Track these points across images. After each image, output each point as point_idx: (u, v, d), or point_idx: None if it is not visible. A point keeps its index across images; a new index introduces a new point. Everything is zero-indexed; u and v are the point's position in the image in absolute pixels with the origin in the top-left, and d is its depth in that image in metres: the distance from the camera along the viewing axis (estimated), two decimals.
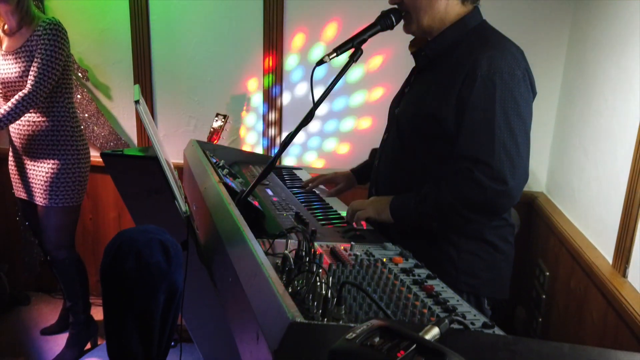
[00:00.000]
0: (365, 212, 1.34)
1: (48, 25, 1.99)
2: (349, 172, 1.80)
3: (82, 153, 2.22)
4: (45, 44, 1.97)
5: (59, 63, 2.02)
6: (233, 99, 2.56)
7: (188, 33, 2.48)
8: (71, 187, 2.18)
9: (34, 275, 2.82)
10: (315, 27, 2.36)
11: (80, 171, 2.20)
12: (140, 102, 1.06)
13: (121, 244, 0.81)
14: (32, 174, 2.17)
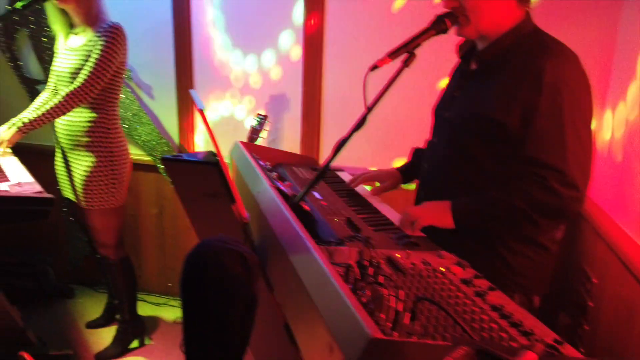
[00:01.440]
0: (425, 219, 1.34)
1: (109, 28, 2.00)
2: (395, 170, 1.80)
3: (117, 155, 2.17)
4: (102, 45, 1.98)
5: (111, 66, 2.02)
6: (272, 99, 2.57)
7: (230, 32, 2.50)
8: (105, 189, 2.15)
9: (78, 269, 2.91)
10: (356, 23, 2.34)
11: (115, 174, 2.17)
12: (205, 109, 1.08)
13: (204, 254, 0.83)
14: (72, 175, 2.19)
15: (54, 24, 2.11)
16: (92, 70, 1.98)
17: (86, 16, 2.04)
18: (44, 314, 2.69)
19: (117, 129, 2.19)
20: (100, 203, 2.17)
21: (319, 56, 2.41)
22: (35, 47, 2.69)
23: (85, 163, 2.12)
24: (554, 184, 1.23)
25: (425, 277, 1.08)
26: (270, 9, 2.43)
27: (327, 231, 1.33)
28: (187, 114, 2.66)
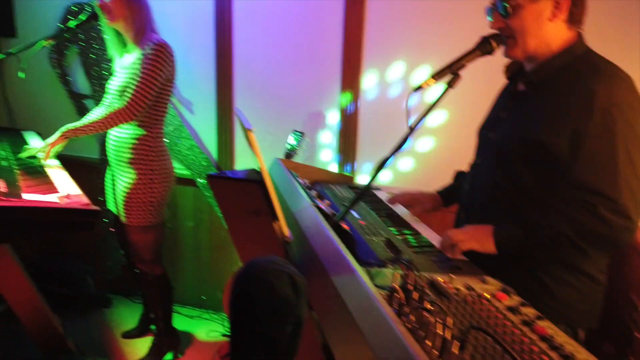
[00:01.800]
0: (467, 243, 1.31)
1: (154, 46, 2.02)
2: (435, 193, 1.78)
3: (157, 173, 2.17)
4: (147, 63, 2.02)
5: (155, 84, 2.03)
6: (309, 116, 2.59)
7: (268, 51, 2.55)
8: (143, 207, 2.16)
9: (116, 279, 2.98)
10: (395, 45, 2.35)
11: (153, 191, 2.17)
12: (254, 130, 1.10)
13: (253, 274, 0.84)
14: (115, 189, 2.24)
15: (110, 42, 2.18)
16: (136, 89, 2.01)
17: (135, 34, 2.09)
18: (82, 322, 2.75)
19: (159, 147, 2.19)
20: (138, 220, 2.18)
21: (357, 76, 2.42)
22: (84, 63, 2.81)
23: (127, 179, 2.16)
24: (604, 211, 1.19)
25: (470, 303, 1.05)
26: (310, 28, 2.46)
27: (367, 252, 1.32)
28: (226, 129, 2.71)
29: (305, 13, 2.45)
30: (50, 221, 1.63)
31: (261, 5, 2.51)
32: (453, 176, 1.80)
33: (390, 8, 2.32)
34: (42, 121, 2.91)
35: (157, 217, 2.23)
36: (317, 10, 2.43)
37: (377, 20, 2.35)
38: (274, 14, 2.50)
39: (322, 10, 2.42)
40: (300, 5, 2.45)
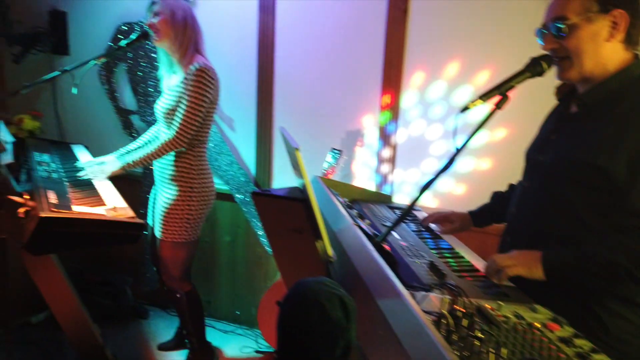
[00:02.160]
0: (514, 269, 1.27)
1: (197, 71, 2.04)
2: (466, 213, 1.75)
3: (197, 190, 2.19)
4: (191, 89, 2.03)
5: (202, 110, 2.06)
6: (348, 134, 2.60)
7: (309, 69, 2.58)
8: (179, 223, 2.17)
9: (154, 291, 3.03)
10: (436, 65, 2.34)
11: (190, 209, 2.17)
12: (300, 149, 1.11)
13: (304, 296, 0.83)
14: (156, 204, 2.28)
15: (159, 62, 2.25)
16: (184, 118, 2.05)
17: (180, 55, 2.13)
18: (120, 333, 2.80)
19: (200, 166, 2.22)
20: (173, 236, 2.19)
21: (396, 96, 2.42)
22: (131, 80, 2.92)
23: (167, 194, 2.19)
24: None
25: (520, 332, 1.01)
26: (351, 47, 2.48)
27: (410, 274, 1.30)
28: (265, 146, 2.74)
29: (346, 32, 2.47)
30: (98, 233, 1.68)
31: (303, 25, 2.55)
32: (490, 196, 1.77)
33: (432, 28, 2.31)
34: (90, 135, 3.03)
35: (191, 235, 2.24)
36: (358, 29, 2.45)
37: (418, 39, 2.35)
38: (316, 33, 2.54)
39: (363, 29, 2.44)
40: (342, 25, 2.47)
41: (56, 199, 1.74)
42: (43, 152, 2.37)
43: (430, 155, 2.43)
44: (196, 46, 2.15)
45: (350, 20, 2.46)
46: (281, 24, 2.59)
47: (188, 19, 2.12)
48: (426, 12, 2.31)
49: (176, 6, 2.11)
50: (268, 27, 2.59)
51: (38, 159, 2.23)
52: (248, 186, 2.79)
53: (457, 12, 2.26)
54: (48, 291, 2.15)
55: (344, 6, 2.46)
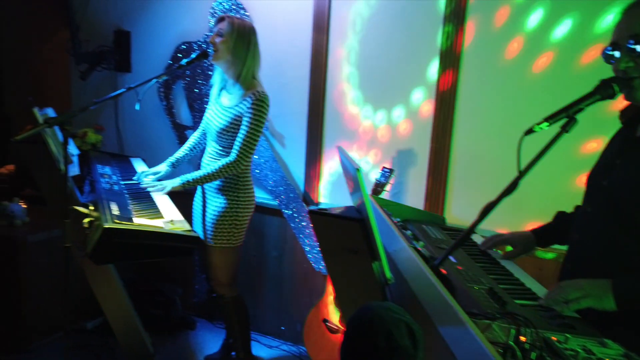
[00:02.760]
0: (582, 300, 1.21)
1: (258, 99, 2.14)
2: (529, 233, 1.67)
3: (243, 199, 2.30)
4: (252, 117, 2.14)
5: (259, 134, 2.18)
6: (399, 153, 2.58)
7: (361, 89, 2.59)
8: (229, 229, 2.28)
9: (202, 303, 3.09)
10: (492, 79, 2.29)
11: (238, 216, 2.29)
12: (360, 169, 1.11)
13: (370, 321, 0.82)
14: (202, 213, 2.37)
15: (215, 75, 2.34)
16: (245, 142, 2.16)
17: (237, 76, 2.22)
18: (168, 343, 2.87)
19: (246, 177, 2.32)
20: (221, 242, 2.30)
21: (450, 113, 2.39)
22: (188, 97, 3.03)
23: (216, 204, 2.29)
24: None
25: None
26: (405, 66, 2.48)
27: (469, 301, 1.26)
28: (314, 163, 2.76)
29: (400, 51, 2.47)
30: (156, 245, 1.73)
31: (354, 47, 2.57)
32: (554, 216, 1.69)
33: (487, 39, 2.28)
34: (147, 148, 3.16)
35: (238, 240, 2.35)
36: (411, 47, 2.45)
37: (474, 53, 2.32)
38: (368, 53, 2.55)
39: (418, 47, 2.43)
40: (396, 44, 2.48)
41: (118, 211, 1.82)
42: (105, 165, 2.49)
43: (486, 176, 2.37)
44: (254, 72, 2.23)
45: (404, 39, 2.46)
46: (334, 44, 2.62)
47: (250, 46, 2.19)
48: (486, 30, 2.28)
49: (241, 31, 2.17)
50: (322, 47, 2.63)
51: (100, 171, 2.34)
52: (297, 202, 2.81)
53: (515, 28, 2.21)
54: (104, 299, 2.24)
55: (398, 25, 2.46)
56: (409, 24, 2.44)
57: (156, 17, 3.08)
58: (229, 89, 2.28)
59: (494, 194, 1.30)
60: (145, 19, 3.11)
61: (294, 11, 2.68)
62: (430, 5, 2.37)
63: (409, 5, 2.42)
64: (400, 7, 2.44)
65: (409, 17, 2.43)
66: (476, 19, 2.29)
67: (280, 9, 2.72)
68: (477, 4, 2.28)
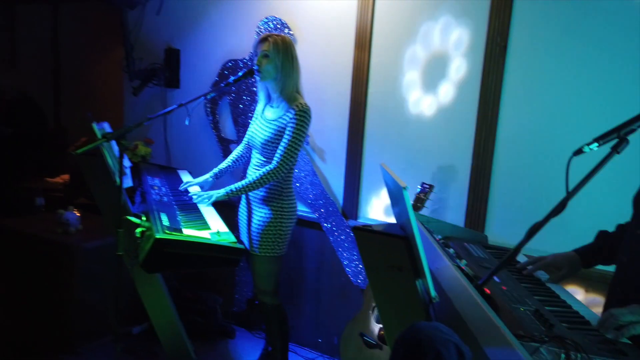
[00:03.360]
0: (638, 326, 1.18)
1: (301, 110, 2.23)
2: (573, 253, 1.63)
3: (287, 210, 2.38)
4: (294, 127, 2.22)
5: (300, 145, 2.26)
6: (439, 169, 2.57)
7: (401, 104, 2.61)
8: (273, 239, 2.35)
9: (241, 312, 3.15)
10: (536, 102, 2.26)
11: (282, 226, 2.37)
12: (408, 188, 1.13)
13: (420, 341, 0.84)
14: (248, 223, 2.44)
15: (260, 92, 2.43)
16: (286, 151, 2.24)
17: (283, 93, 2.31)
18: (208, 350, 2.94)
19: (289, 189, 2.41)
20: (265, 251, 2.37)
21: (492, 132, 2.37)
22: (232, 112, 3.13)
23: (261, 214, 2.37)
24: None
25: None
26: (447, 84, 2.49)
27: (515, 322, 1.25)
28: (354, 179, 2.79)
29: (441, 68, 2.48)
30: (203, 256, 1.80)
31: (397, 62, 2.60)
32: (596, 235, 1.65)
33: (530, 61, 2.26)
34: (193, 161, 3.27)
35: (282, 249, 2.41)
36: (453, 65, 2.45)
37: (517, 76, 2.30)
38: (410, 69, 2.57)
39: (459, 66, 2.44)
40: (437, 61, 2.49)
41: (168, 222, 1.90)
42: (154, 177, 2.61)
43: (528, 195, 2.33)
44: (297, 86, 2.31)
45: (446, 57, 2.47)
46: (376, 60, 2.66)
47: (295, 62, 2.28)
48: (527, 49, 2.26)
49: (284, 48, 2.26)
50: (363, 63, 2.68)
51: (150, 183, 2.46)
52: (336, 216, 2.84)
53: (560, 48, 2.19)
54: (151, 305, 2.33)
55: (440, 43, 2.48)
56: (448, 39, 2.45)
57: (204, 36, 3.21)
58: (274, 104, 2.36)
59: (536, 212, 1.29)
60: (193, 37, 3.26)
61: (336, 29, 2.75)
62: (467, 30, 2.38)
63: (451, 22, 2.44)
64: (445, 22, 2.46)
65: (450, 33, 2.45)
66: (519, 40, 2.28)
67: (323, 27, 2.79)
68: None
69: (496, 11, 2.29)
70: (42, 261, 2.81)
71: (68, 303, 2.74)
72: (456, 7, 2.42)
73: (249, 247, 2.43)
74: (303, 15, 2.84)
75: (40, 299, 2.82)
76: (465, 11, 2.40)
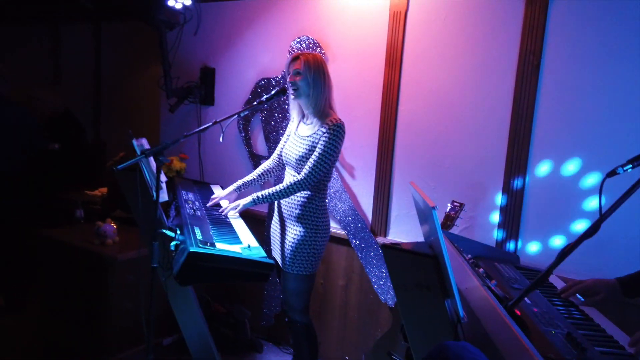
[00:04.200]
0: None
1: (334, 126, 2.26)
2: (614, 281, 1.59)
3: (321, 228, 2.39)
4: (327, 141, 2.25)
5: (332, 159, 2.28)
6: (468, 187, 2.56)
7: (432, 123, 2.62)
8: (306, 257, 2.36)
9: (269, 327, 3.17)
10: (572, 122, 2.24)
11: (316, 244, 2.38)
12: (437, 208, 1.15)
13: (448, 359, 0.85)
14: (281, 239, 2.47)
15: (293, 110, 2.49)
16: (315, 163, 2.27)
17: (315, 110, 2.35)
18: None
19: (324, 207, 2.42)
20: (298, 269, 2.38)
21: (525, 150, 2.35)
22: (264, 128, 3.20)
23: (295, 232, 2.38)
24: None
25: None
26: (477, 102, 2.49)
27: (546, 345, 1.23)
28: (383, 196, 2.80)
29: (472, 86, 2.49)
30: (235, 270, 1.84)
31: (428, 80, 2.62)
32: None
33: (565, 79, 2.24)
34: (225, 176, 3.35)
35: (314, 267, 2.42)
36: (484, 83, 2.45)
37: (551, 94, 2.28)
38: (440, 88, 2.59)
39: (490, 84, 2.44)
40: (468, 79, 2.50)
41: (202, 236, 1.96)
42: (189, 191, 2.68)
43: (564, 216, 2.29)
44: (329, 102, 2.35)
45: (476, 75, 2.47)
46: (407, 78, 2.69)
47: (327, 78, 2.33)
48: (560, 67, 2.25)
49: (316, 66, 2.31)
50: (393, 81, 2.71)
51: (185, 197, 2.53)
52: (364, 233, 2.85)
53: (595, 66, 2.17)
54: (182, 317, 2.38)
55: (471, 60, 2.49)
56: (481, 60, 2.46)
57: (238, 55, 3.32)
58: (307, 120, 2.41)
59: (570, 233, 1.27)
60: (228, 56, 3.36)
61: (367, 48, 2.79)
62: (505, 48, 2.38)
63: (482, 40, 2.45)
64: (475, 41, 2.47)
65: (481, 53, 2.46)
66: (553, 58, 2.27)
67: (354, 46, 2.84)
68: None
69: (529, 30, 2.29)
70: (80, 270, 2.92)
71: (103, 311, 2.83)
72: (487, 26, 2.43)
73: (282, 264, 2.45)
74: (335, 34, 2.90)
75: (78, 306, 2.92)
76: (496, 30, 2.40)
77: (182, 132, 2.66)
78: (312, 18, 2.98)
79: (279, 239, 2.48)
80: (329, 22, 2.92)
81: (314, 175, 2.28)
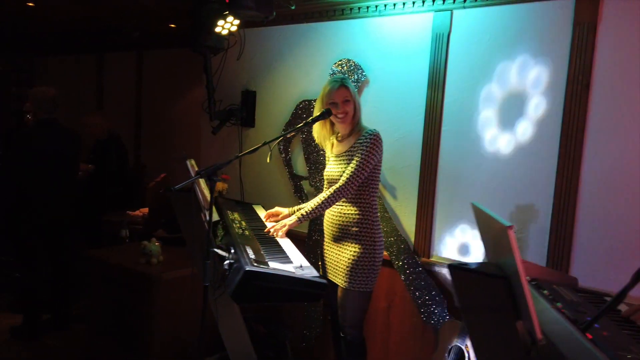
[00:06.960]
0: None
1: (370, 135, 2.36)
2: None
3: (378, 243, 2.42)
4: (363, 148, 2.32)
5: (369, 166, 2.32)
6: (517, 208, 2.52)
7: (477, 144, 2.61)
8: (367, 273, 2.37)
9: (309, 347, 3.14)
10: (621, 142, 2.20)
11: (375, 260, 2.39)
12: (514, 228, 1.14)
13: None
14: (337, 258, 2.47)
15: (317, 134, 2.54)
16: (353, 170, 2.32)
17: (351, 129, 2.43)
18: None
19: (378, 222, 2.45)
20: (359, 285, 2.39)
21: (576, 171, 2.31)
22: (305, 149, 3.24)
23: (352, 250, 2.40)
24: None
25: None
26: (527, 120, 2.47)
27: None
28: (426, 216, 2.79)
29: (521, 105, 2.48)
30: (288, 290, 1.85)
31: (472, 103, 2.62)
32: None
33: (616, 98, 2.21)
34: (265, 197, 3.39)
35: (373, 283, 2.43)
36: (535, 101, 2.44)
37: (601, 112, 2.25)
38: (488, 106, 2.58)
39: (540, 102, 2.42)
40: (517, 100, 2.49)
41: (254, 255, 1.97)
42: (233, 211, 2.72)
43: (617, 238, 2.23)
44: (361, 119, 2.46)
45: (523, 95, 2.46)
46: (450, 99, 2.69)
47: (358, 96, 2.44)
48: (612, 87, 2.23)
49: (353, 87, 2.41)
50: (437, 102, 2.72)
51: (231, 217, 2.56)
52: (407, 254, 2.83)
53: None
54: (229, 336, 2.39)
55: (517, 81, 2.48)
56: (526, 77, 2.45)
57: (279, 78, 3.39)
58: (343, 138, 2.47)
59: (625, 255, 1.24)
60: (269, 79, 3.44)
61: (409, 69, 2.82)
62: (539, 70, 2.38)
63: (529, 61, 2.44)
64: (522, 61, 2.47)
65: (526, 74, 2.45)
66: (603, 78, 2.25)
67: (396, 68, 2.87)
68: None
69: (577, 50, 2.28)
70: (125, 289, 2.96)
71: (149, 330, 2.86)
72: (534, 47, 2.43)
73: (341, 282, 2.45)
74: (376, 57, 2.94)
75: (124, 324, 2.96)
76: (544, 50, 2.40)
77: (223, 153, 2.71)
78: (352, 41, 3.03)
79: (334, 257, 2.49)
80: (369, 44, 2.97)
81: (353, 180, 2.31)
